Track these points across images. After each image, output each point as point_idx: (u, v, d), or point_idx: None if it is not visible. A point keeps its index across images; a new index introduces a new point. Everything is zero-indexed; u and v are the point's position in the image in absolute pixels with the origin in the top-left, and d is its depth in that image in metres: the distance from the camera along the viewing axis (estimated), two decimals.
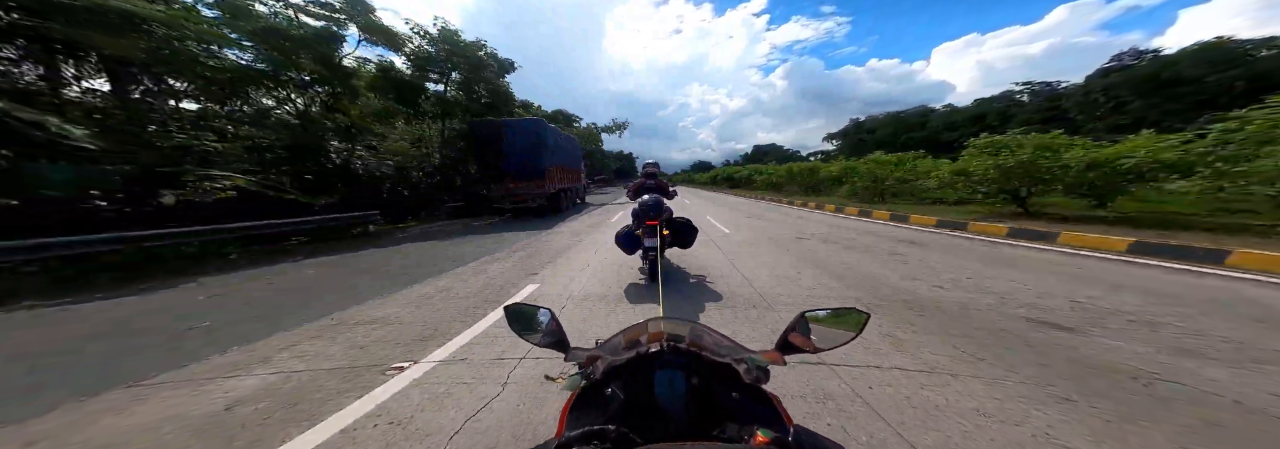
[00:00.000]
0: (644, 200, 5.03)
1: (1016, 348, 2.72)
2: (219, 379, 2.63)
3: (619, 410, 0.65)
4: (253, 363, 2.88)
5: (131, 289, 5.43)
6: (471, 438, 1.90)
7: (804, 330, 0.80)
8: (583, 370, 0.76)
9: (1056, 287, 4.17)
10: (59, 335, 3.70)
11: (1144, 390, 2.15)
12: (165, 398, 2.41)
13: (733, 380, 0.68)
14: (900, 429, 1.85)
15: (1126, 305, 3.51)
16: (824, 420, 1.94)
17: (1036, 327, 3.09)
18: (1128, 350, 2.63)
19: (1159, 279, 4.36)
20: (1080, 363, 2.48)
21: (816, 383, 2.29)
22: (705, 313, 3.72)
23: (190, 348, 3.23)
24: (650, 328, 0.93)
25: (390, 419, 2.08)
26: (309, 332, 3.52)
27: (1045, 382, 2.26)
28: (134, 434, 2.04)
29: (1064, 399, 2.08)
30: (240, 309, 4.36)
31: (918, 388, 2.23)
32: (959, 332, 3.03)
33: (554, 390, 2.27)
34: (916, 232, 8.65)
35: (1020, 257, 5.78)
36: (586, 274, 5.40)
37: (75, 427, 2.12)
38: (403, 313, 3.96)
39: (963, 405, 2.05)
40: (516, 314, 0.95)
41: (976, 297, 3.91)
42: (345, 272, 6.28)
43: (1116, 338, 2.83)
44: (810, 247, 7.06)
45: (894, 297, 4.01)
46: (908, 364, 2.52)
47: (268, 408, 2.24)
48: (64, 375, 2.81)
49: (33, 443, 1.99)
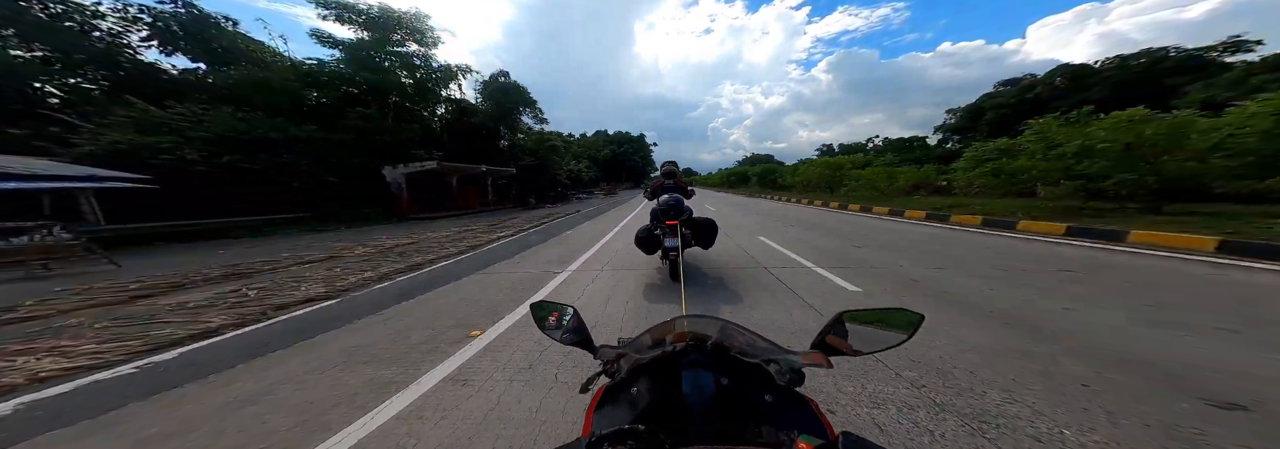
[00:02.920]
0: (663, 200, 4.91)
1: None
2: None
3: (645, 410, 0.64)
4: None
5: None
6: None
7: (840, 332, 0.76)
8: (607, 368, 0.76)
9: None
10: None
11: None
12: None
13: (766, 382, 0.66)
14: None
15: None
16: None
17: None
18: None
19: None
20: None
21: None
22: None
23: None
24: (678, 326, 0.89)
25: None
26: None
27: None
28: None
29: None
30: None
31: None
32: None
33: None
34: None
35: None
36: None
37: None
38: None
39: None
40: (541, 311, 0.95)
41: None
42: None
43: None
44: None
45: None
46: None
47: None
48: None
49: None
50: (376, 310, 4.16)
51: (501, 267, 6.36)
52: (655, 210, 4.92)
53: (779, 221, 11.40)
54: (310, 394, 2.39)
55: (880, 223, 10.41)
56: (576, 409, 2.07)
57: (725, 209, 16.85)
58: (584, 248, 7.83)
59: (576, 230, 11.25)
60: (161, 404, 2.38)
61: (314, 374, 2.69)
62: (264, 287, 5.29)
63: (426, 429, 1.96)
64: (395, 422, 2.04)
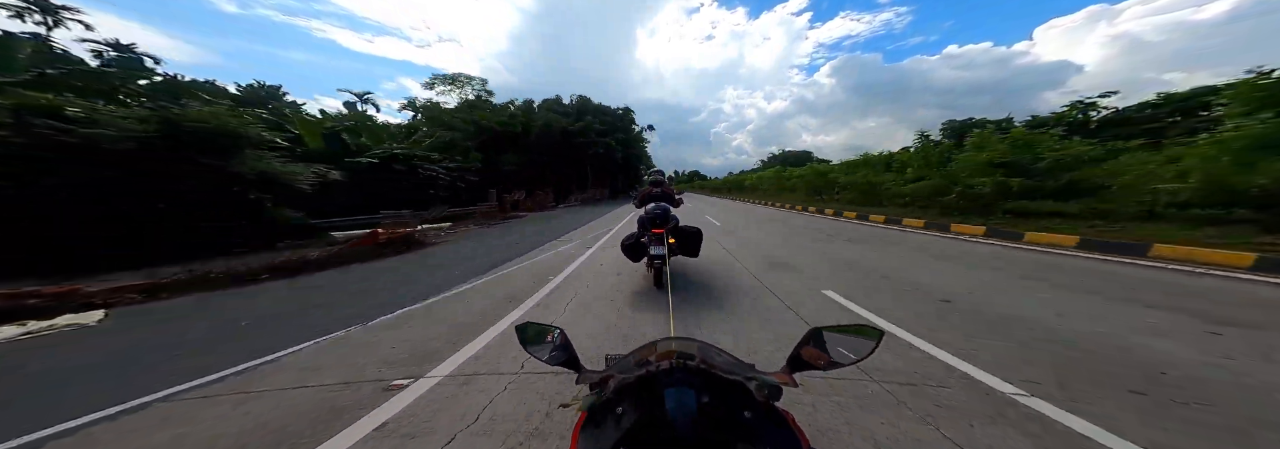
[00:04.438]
0: (650, 208, 5.11)
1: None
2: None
3: (630, 430, 0.64)
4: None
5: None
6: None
7: (817, 346, 0.81)
8: (594, 390, 0.77)
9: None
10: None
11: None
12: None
13: (745, 399, 0.68)
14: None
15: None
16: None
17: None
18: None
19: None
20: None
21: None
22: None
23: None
24: (660, 347, 0.94)
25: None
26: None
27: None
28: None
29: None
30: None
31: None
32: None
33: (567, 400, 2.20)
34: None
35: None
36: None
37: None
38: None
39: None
40: (526, 332, 0.96)
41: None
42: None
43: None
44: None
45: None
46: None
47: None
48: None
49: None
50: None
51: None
52: (642, 218, 5.11)
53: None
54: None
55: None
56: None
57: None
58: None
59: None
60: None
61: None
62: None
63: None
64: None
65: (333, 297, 5.83)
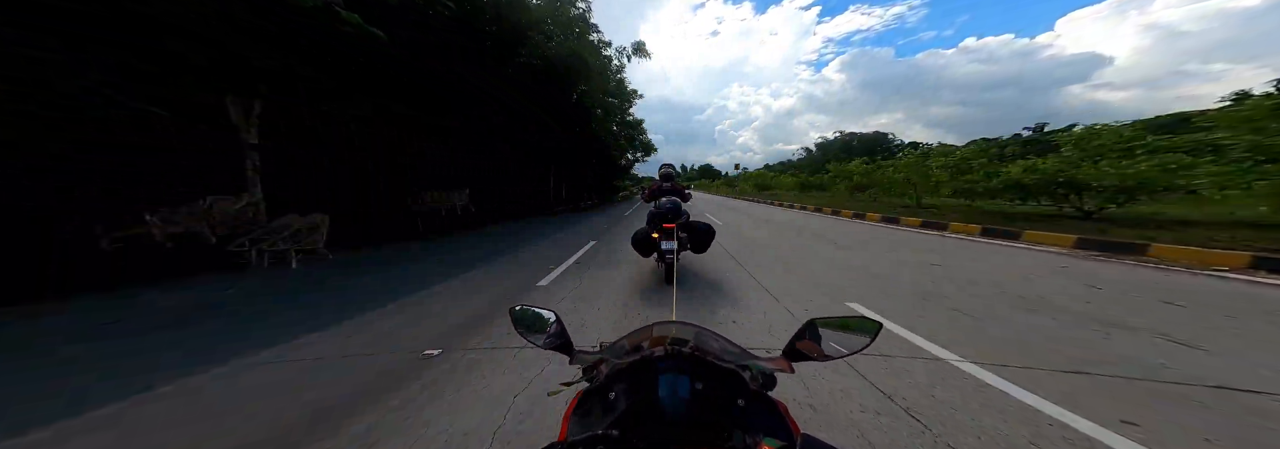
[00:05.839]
0: (661, 203, 5.03)
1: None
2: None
3: (622, 414, 0.64)
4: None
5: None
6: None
7: (814, 337, 0.80)
8: (586, 374, 0.77)
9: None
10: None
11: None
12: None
13: (738, 387, 0.67)
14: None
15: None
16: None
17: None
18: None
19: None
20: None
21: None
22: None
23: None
24: (656, 332, 0.92)
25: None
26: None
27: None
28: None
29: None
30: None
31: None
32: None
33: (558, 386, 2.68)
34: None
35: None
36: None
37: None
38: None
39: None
40: (521, 316, 0.94)
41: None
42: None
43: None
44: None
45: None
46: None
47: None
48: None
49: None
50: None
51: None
52: (652, 213, 5.02)
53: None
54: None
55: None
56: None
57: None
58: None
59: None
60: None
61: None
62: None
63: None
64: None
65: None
